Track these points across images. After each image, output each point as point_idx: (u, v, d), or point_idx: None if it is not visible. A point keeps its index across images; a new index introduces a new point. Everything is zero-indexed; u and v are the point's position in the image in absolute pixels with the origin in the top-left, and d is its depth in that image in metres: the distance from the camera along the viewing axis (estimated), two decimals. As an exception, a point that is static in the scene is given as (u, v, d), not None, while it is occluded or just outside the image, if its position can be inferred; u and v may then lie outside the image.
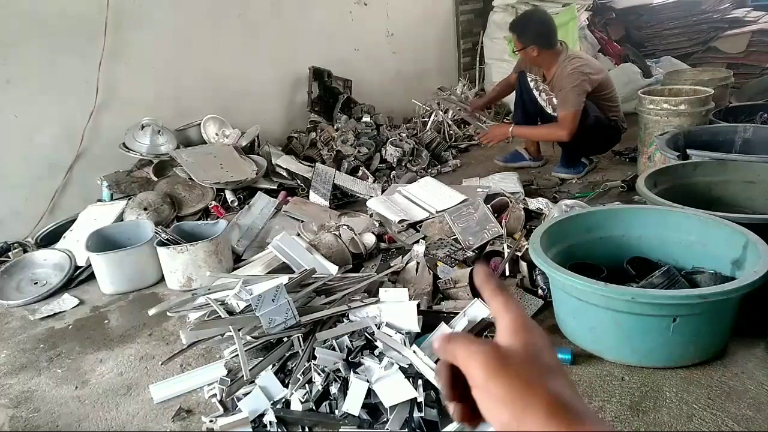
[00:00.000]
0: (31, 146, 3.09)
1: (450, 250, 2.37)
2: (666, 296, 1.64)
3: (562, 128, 3.14)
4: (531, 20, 3.30)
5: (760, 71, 4.88)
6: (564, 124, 3.12)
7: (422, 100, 4.59)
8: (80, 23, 3.14)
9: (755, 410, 1.53)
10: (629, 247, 2.10)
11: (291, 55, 4.14)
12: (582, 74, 3.12)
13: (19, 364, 2.10)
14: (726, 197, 2.38)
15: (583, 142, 3.23)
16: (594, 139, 3.31)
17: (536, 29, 3.21)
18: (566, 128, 3.12)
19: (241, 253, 2.69)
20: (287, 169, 3.41)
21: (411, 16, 4.94)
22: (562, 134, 3.15)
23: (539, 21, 3.27)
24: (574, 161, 3.44)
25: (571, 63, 3.16)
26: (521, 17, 3.44)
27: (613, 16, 5.66)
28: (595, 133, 3.26)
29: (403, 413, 1.54)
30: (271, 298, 1.75)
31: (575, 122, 3.11)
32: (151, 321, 2.23)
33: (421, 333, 1.82)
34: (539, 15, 3.37)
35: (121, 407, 1.79)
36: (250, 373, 1.69)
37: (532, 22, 3.27)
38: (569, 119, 3.10)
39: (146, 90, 3.47)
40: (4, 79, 2.96)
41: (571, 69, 3.13)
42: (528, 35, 3.21)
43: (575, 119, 3.10)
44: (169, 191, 3.09)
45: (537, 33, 3.19)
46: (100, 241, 2.63)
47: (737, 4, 5.55)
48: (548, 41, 3.21)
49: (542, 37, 3.20)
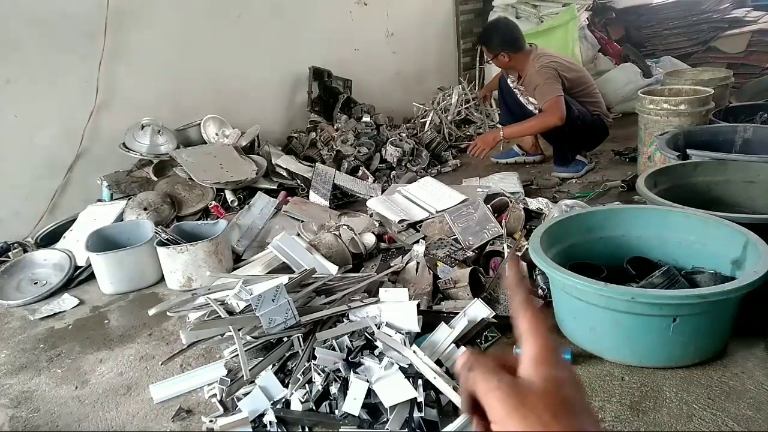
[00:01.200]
0: (31, 146, 3.09)
1: (450, 250, 2.37)
2: (666, 296, 1.64)
3: (552, 114, 3.12)
4: (496, 29, 3.41)
5: (760, 71, 4.87)
6: (552, 110, 3.11)
7: (422, 100, 4.60)
8: (80, 23, 3.14)
9: (755, 410, 1.53)
10: (629, 247, 2.10)
11: (291, 55, 4.14)
12: (548, 68, 3.16)
13: (19, 364, 2.10)
14: (726, 197, 2.38)
15: (572, 137, 3.25)
16: (582, 133, 3.32)
17: (502, 37, 3.30)
18: (556, 113, 3.10)
19: (241, 253, 2.69)
20: (287, 169, 3.41)
21: (411, 16, 4.94)
22: (553, 119, 3.12)
23: (504, 28, 3.38)
24: (567, 158, 3.45)
25: (538, 61, 3.21)
26: (485, 29, 3.56)
27: (613, 16, 5.65)
28: (581, 128, 3.28)
29: (403, 413, 1.54)
30: (271, 298, 1.75)
31: (562, 106, 3.10)
32: (151, 321, 2.23)
33: (421, 333, 1.82)
34: (503, 22, 3.50)
35: (121, 407, 1.79)
36: (250, 373, 1.69)
37: (497, 30, 3.37)
38: (554, 105, 3.11)
39: (146, 90, 3.47)
40: (4, 79, 2.96)
41: (538, 66, 3.18)
42: (495, 43, 3.31)
43: (560, 103, 3.10)
44: (169, 191, 3.09)
45: (503, 40, 3.29)
46: (100, 241, 2.63)
47: (737, 4, 5.55)
48: (516, 45, 3.29)
49: (509, 43, 3.29)
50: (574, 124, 3.19)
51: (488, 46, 3.35)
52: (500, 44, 3.29)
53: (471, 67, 5.37)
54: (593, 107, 3.35)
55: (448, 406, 1.56)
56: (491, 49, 3.33)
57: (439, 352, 1.73)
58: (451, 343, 1.76)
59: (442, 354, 1.73)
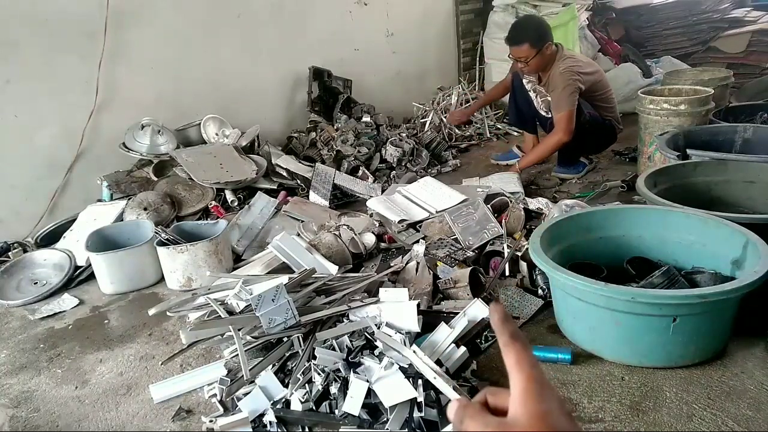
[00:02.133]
0: (30, 146, 3.09)
1: (450, 250, 2.37)
2: (666, 296, 1.64)
3: (561, 132, 3.13)
4: (536, 23, 3.30)
5: (760, 71, 4.87)
6: (560, 126, 3.13)
7: (422, 100, 4.60)
8: (80, 23, 3.14)
9: (755, 410, 1.53)
10: (629, 247, 2.10)
11: (291, 55, 4.14)
12: (573, 73, 3.13)
13: (19, 364, 2.10)
14: (726, 197, 2.38)
15: (579, 140, 3.24)
16: (589, 137, 3.31)
17: (543, 30, 3.21)
18: (564, 130, 3.12)
19: (241, 253, 2.69)
20: (287, 168, 3.41)
21: (411, 16, 4.94)
22: (563, 138, 3.14)
23: (539, 22, 3.31)
24: (572, 161, 3.44)
25: (564, 62, 3.17)
26: (525, 25, 3.33)
27: (613, 16, 5.66)
28: (590, 132, 3.27)
29: (403, 413, 1.53)
30: (271, 298, 1.75)
31: (571, 122, 3.11)
32: (151, 321, 2.23)
33: (421, 333, 1.82)
34: (538, 18, 3.42)
35: (121, 407, 1.79)
36: (250, 373, 1.68)
37: (539, 25, 3.25)
38: (564, 120, 3.11)
39: (146, 90, 3.47)
40: (4, 79, 2.96)
41: (563, 68, 3.14)
42: (540, 37, 3.17)
43: (571, 119, 3.11)
44: (169, 191, 3.09)
45: (544, 34, 3.19)
46: (100, 241, 2.63)
47: (737, 4, 5.55)
48: (550, 41, 3.22)
49: (547, 38, 3.21)
50: (582, 128, 3.19)
51: (535, 40, 3.14)
52: (546, 36, 3.18)
53: (471, 67, 5.38)
54: (606, 112, 3.35)
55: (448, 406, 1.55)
56: (537, 44, 3.14)
57: (439, 352, 1.73)
58: (451, 343, 1.76)
59: (442, 354, 1.73)
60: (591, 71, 3.26)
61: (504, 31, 4.82)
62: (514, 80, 3.55)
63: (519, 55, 3.21)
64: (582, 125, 3.18)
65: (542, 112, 3.41)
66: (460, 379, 1.70)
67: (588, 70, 3.24)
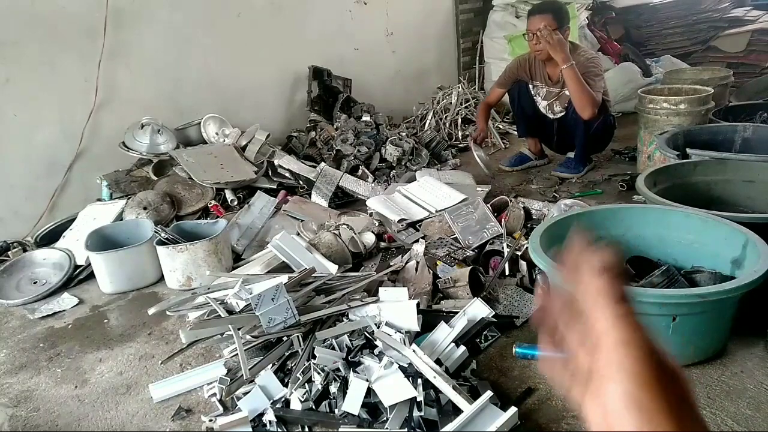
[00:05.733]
0: (30, 146, 3.08)
1: (449, 250, 2.37)
2: (666, 295, 1.64)
3: (593, 105, 3.05)
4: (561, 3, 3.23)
5: (759, 70, 4.87)
6: (594, 102, 3.06)
7: (422, 99, 4.59)
8: (80, 22, 3.14)
9: (755, 409, 1.53)
10: (629, 247, 2.10)
11: (291, 55, 4.14)
12: (597, 61, 3.17)
13: (19, 363, 2.10)
14: (726, 196, 2.38)
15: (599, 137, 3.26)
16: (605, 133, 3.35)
17: (566, 12, 3.16)
18: (594, 107, 3.06)
19: (241, 253, 2.69)
20: (289, 169, 3.40)
21: (410, 16, 4.94)
22: (591, 109, 3.06)
23: (563, 4, 3.25)
24: (585, 159, 3.43)
25: (584, 51, 3.19)
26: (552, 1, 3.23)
27: (613, 15, 5.66)
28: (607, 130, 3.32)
29: (403, 412, 1.54)
30: (271, 297, 1.75)
31: (598, 106, 3.10)
32: (150, 320, 2.23)
33: (420, 332, 1.82)
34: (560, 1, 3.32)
35: (120, 406, 1.79)
36: (249, 372, 1.68)
37: (562, 4, 3.20)
38: (596, 101, 3.07)
39: (146, 89, 3.47)
40: (3, 78, 2.96)
41: (589, 55, 3.16)
42: (564, 16, 3.11)
43: (599, 103, 3.10)
44: (168, 190, 3.08)
45: (568, 16, 3.15)
46: (100, 241, 2.63)
47: (737, 4, 5.56)
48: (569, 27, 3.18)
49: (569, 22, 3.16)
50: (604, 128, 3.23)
51: (558, 16, 3.07)
52: (564, 18, 3.10)
53: (471, 66, 5.37)
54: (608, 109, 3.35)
55: (448, 406, 1.55)
56: (557, 20, 3.06)
57: (439, 351, 1.73)
58: (451, 342, 1.76)
59: (442, 353, 1.73)
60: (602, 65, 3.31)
61: (504, 31, 4.85)
62: (519, 88, 3.43)
63: (540, 24, 3.06)
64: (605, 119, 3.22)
65: (549, 116, 3.39)
66: (459, 378, 1.70)
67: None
